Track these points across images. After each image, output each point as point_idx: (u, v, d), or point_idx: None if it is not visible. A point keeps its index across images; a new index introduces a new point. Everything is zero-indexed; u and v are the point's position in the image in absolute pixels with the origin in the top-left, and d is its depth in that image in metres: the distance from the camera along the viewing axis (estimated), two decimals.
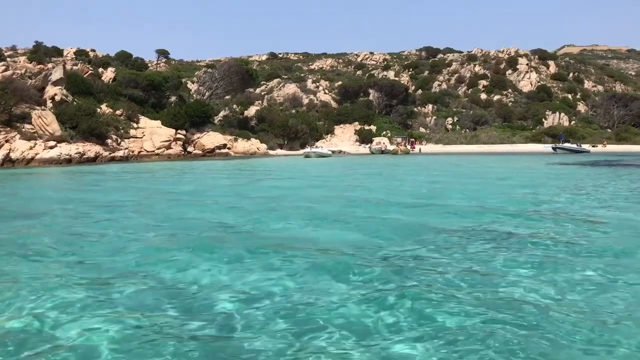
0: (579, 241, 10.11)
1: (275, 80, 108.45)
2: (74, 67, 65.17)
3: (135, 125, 57.20)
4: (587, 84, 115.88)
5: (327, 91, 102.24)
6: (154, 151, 55.24)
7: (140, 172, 34.35)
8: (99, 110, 54.29)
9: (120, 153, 50.24)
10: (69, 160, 43.75)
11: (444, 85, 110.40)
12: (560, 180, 24.99)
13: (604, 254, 9.04)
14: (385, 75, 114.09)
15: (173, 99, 70.12)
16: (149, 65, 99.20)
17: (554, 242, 10.02)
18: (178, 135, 58.68)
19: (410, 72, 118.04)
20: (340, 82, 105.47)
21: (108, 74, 67.88)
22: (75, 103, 51.82)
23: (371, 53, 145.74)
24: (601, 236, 10.65)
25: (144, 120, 58.22)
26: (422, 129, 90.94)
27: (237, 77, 73.94)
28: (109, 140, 51.27)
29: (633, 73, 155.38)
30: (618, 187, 21.34)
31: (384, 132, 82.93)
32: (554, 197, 17.60)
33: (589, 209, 14.68)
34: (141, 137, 56.08)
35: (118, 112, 57.30)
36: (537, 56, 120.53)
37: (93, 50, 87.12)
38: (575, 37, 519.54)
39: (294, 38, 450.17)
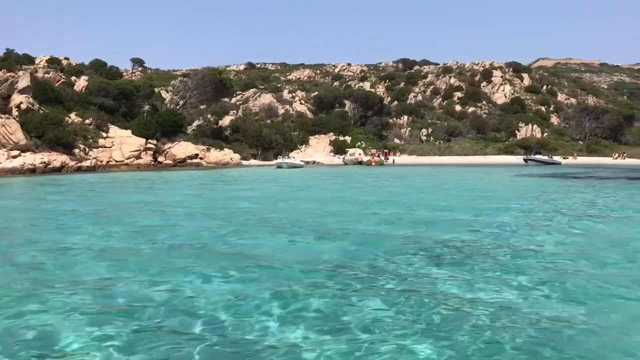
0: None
1: (251, 90, 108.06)
2: (46, 75, 64.34)
3: (104, 134, 56.50)
4: (560, 97, 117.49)
5: (303, 101, 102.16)
6: (123, 161, 54.56)
7: (98, 182, 33.83)
8: (67, 119, 53.55)
9: (87, 163, 49.53)
10: (32, 170, 42.98)
11: (420, 97, 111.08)
12: (511, 192, 25.16)
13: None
14: (362, 87, 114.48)
15: (147, 108, 69.48)
16: (124, 74, 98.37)
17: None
18: (148, 145, 58.04)
19: (386, 84, 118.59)
20: (316, 93, 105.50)
21: (81, 83, 67.08)
22: (41, 112, 50.98)
23: (348, 64, 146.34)
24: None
25: (113, 130, 57.54)
26: (396, 140, 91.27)
27: (210, 87, 73.45)
28: (77, 150, 50.51)
29: (605, 86, 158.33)
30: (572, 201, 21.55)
31: (359, 143, 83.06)
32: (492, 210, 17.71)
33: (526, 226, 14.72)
34: (110, 147, 55.39)
35: (87, 121, 56.54)
36: (511, 69, 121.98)
37: (67, 59, 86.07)
38: (550, 51, 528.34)
39: (273, 49, 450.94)
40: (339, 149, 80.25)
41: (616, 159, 77.53)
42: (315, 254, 10.77)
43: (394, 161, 74.11)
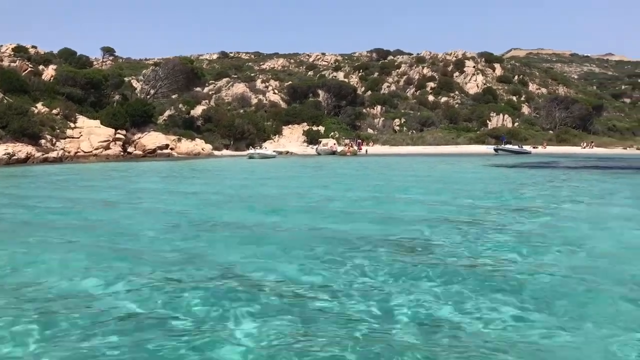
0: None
1: (224, 80, 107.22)
2: (12, 64, 62.89)
3: (72, 125, 55.46)
4: (532, 87, 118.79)
5: (276, 91, 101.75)
6: (91, 152, 53.75)
7: (61, 173, 33.28)
8: (33, 109, 52.47)
9: (54, 154, 48.63)
10: None
11: (393, 87, 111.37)
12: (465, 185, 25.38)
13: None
14: (335, 76, 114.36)
15: (117, 97, 68.46)
16: (95, 63, 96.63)
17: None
18: (118, 135, 57.21)
19: (360, 74, 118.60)
20: (290, 82, 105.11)
21: (49, 72, 65.72)
22: (6, 101, 49.86)
23: (323, 54, 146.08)
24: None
25: (81, 120, 56.53)
26: (370, 130, 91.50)
27: (182, 76, 72.62)
28: (43, 141, 49.57)
29: (575, 76, 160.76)
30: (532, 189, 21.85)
31: (332, 133, 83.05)
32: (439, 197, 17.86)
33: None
34: (78, 137, 54.48)
35: (54, 111, 55.43)
36: (483, 59, 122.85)
37: (34, 47, 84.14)
38: (522, 41, 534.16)
39: (247, 38, 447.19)
40: (312, 139, 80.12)
41: (584, 148, 78.98)
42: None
43: (366, 151, 74.30)
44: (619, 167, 41.12)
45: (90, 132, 54.96)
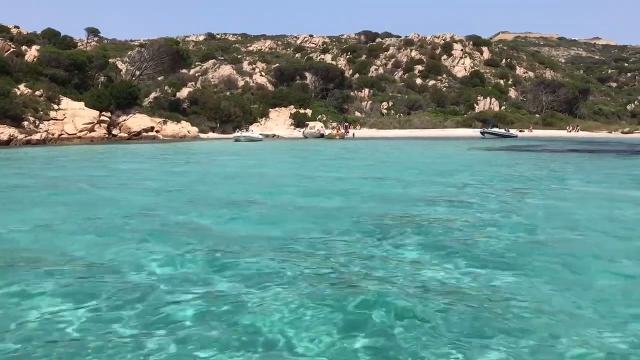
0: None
1: (211, 62, 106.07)
2: None
3: (56, 106, 54.66)
4: (519, 70, 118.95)
5: (263, 73, 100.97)
6: (75, 134, 53.12)
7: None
8: (16, 90, 51.68)
9: (37, 136, 48.06)
10: None
11: (381, 70, 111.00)
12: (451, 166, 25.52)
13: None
14: (323, 59, 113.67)
15: (101, 79, 67.57)
16: (79, 44, 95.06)
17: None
18: (102, 118, 56.56)
19: (348, 56, 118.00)
20: (277, 65, 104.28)
21: (32, 53, 64.53)
22: None
23: (310, 36, 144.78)
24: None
25: (65, 102, 55.75)
26: (357, 114, 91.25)
27: (167, 58, 71.74)
28: (26, 123, 48.91)
29: (563, 60, 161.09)
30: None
31: (320, 116, 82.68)
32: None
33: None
34: (62, 120, 53.78)
35: (37, 92, 54.60)
36: (471, 42, 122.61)
37: (17, 27, 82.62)
38: (510, 25, 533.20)
39: (234, 19, 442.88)
40: (299, 122, 79.66)
41: (570, 131, 79.40)
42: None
43: (353, 135, 74.11)
44: (598, 150, 41.57)
45: (74, 114, 54.27)
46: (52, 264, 8.06)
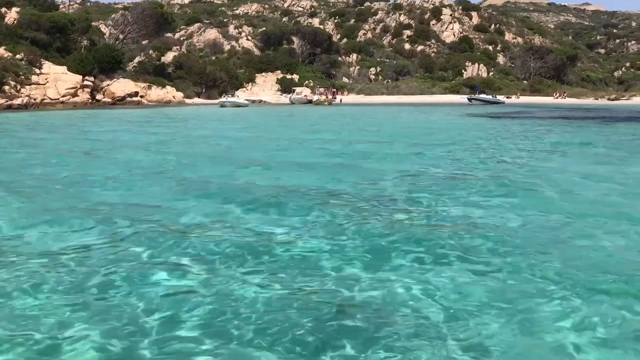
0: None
1: (196, 25, 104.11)
2: None
3: (37, 71, 53.72)
4: (508, 36, 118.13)
5: (249, 37, 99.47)
6: (58, 99, 52.40)
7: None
8: None
9: (18, 101, 47.38)
10: None
11: (369, 35, 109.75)
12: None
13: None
14: (311, 23, 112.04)
15: (84, 43, 66.27)
16: (60, 6, 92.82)
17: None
18: (85, 82, 55.79)
19: (336, 20, 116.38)
20: (263, 29, 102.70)
21: (12, 15, 63.10)
22: None
23: None
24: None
25: (47, 66, 54.72)
26: (345, 79, 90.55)
27: (151, 21, 70.56)
28: (7, 87, 48.10)
29: (552, 26, 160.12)
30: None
31: (307, 82, 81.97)
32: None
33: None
34: (44, 84, 52.92)
35: (18, 56, 53.58)
36: (460, 7, 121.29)
37: None
38: None
39: None
40: (286, 87, 78.93)
41: (557, 98, 79.51)
42: None
43: (341, 101, 73.65)
44: (578, 117, 41.78)
45: (56, 79, 53.38)
46: None
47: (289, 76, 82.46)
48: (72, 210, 9.09)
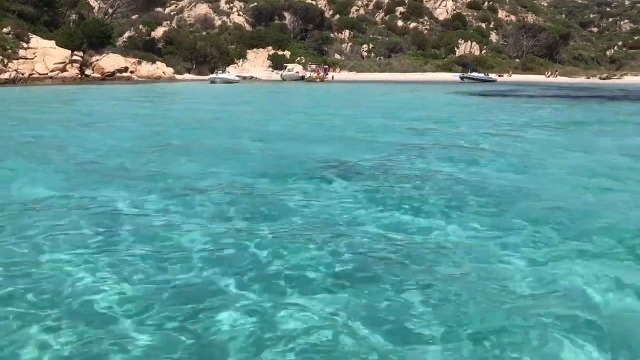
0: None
1: (186, 0, 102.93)
2: None
3: (25, 45, 52.89)
4: (501, 14, 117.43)
5: (241, 13, 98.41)
6: (47, 74, 51.73)
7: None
8: None
9: (6, 75, 46.68)
10: None
11: (362, 11, 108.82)
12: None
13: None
14: None
15: (73, 17, 65.32)
16: None
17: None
18: (74, 57, 55.07)
19: None
20: (255, 4, 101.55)
21: None
22: None
23: None
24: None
25: (35, 40, 53.86)
26: (337, 56, 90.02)
27: None
28: None
29: (545, 4, 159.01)
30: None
31: (299, 58, 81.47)
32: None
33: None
34: (32, 59, 52.16)
35: (5, 30, 52.67)
36: None
37: None
38: None
39: None
40: (277, 63, 78.44)
41: (549, 77, 79.54)
42: None
43: (332, 77, 73.35)
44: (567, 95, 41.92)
45: (44, 53, 52.65)
46: None
47: (280, 52, 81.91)
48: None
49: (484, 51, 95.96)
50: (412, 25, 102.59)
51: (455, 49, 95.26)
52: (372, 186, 8.55)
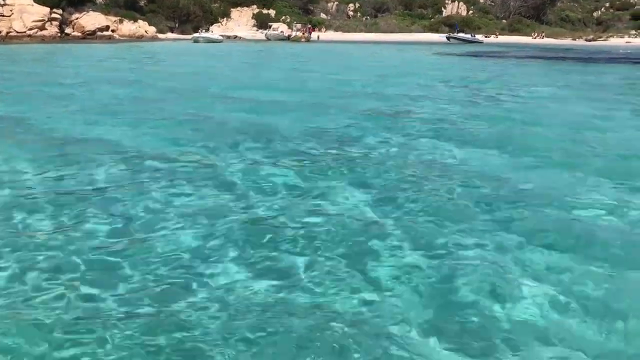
0: None
1: None
2: None
3: (2, 1, 51.57)
4: None
5: None
6: (25, 32, 50.67)
7: None
8: None
9: None
10: None
11: None
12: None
13: None
14: None
15: None
16: None
17: None
18: (53, 15, 53.84)
19: None
20: None
21: None
22: None
23: None
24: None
25: None
26: (323, 15, 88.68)
27: None
28: None
29: None
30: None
31: (284, 17, 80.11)
32: None
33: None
34: (9, 16, 50.98)
35: None
36: None
37: None
38: None
39: None
40: (262, 23, 77.11)
41: (535, 38, 79.14)
42: None
43: (318, 37, 72.42)
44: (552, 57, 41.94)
45: (22, 11, 51.41)
46: None
47: (265, 11, 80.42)
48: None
49: (471, 12, 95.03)
50: None
51: (442, 9, 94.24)
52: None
